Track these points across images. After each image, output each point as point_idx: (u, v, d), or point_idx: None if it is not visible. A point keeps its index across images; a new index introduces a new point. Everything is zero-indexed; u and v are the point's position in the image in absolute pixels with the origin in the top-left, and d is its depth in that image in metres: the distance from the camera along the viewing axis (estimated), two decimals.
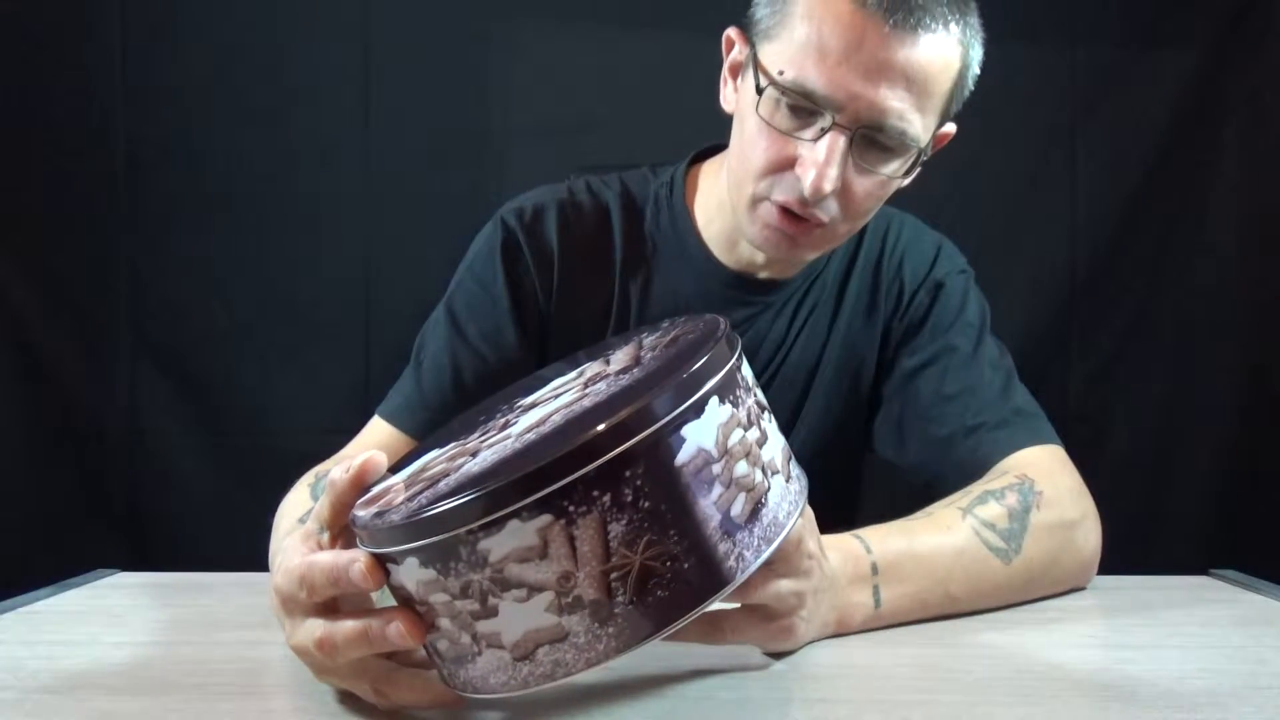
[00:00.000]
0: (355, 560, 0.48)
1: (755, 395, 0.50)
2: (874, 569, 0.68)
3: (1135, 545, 1.27)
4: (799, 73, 0.78)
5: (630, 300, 0.97)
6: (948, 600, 0.71)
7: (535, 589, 0.43)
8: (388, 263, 1.87)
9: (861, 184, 0.82)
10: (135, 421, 1.88)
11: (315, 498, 0.78)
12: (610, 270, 0.97)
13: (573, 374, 0.56)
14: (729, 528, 0.45)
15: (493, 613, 0.44)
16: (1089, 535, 0.81)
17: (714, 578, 0.45)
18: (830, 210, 0.83)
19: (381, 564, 0.47)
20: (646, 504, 0.42)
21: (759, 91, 0.80)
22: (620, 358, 0.54)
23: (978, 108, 0.87)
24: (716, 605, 0.46)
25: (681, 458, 0.43)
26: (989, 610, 0.74)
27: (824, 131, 0.79)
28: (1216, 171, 1.88)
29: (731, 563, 0.45)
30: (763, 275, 0.95)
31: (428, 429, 0.90)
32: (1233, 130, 1.87)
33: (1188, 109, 1.86)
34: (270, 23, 1.86)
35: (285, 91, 1.86)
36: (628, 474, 0.42)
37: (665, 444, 0.43)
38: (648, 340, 0.56)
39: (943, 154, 0.87)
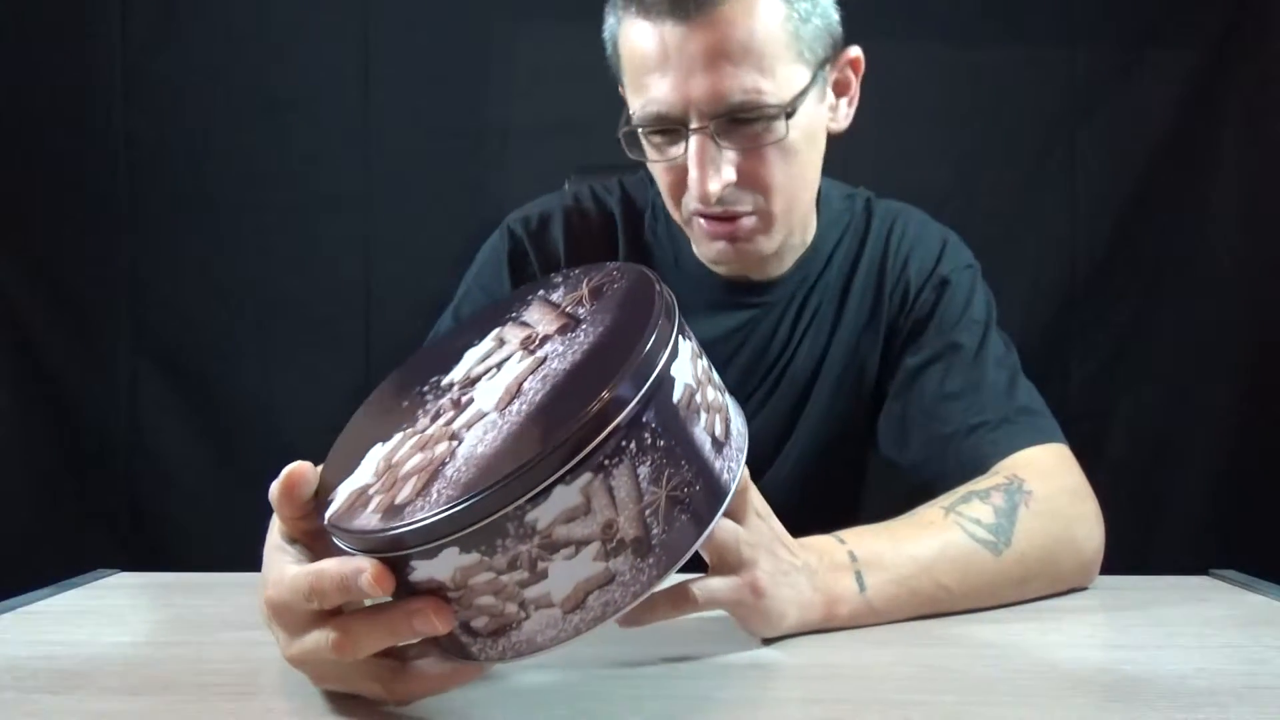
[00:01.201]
0: (362, 570, 0.46)
1: (689, 329, 0.54)
2: (851, 556, 0.68)
3: (1135, 545, 1.27)
4: (639, 105, 0.82)
5: None
6: (940, 591, 0.71)
7: (583, 543, 0.46)
8: (388, 263, 1.87)
9: (759, 162, 0.83)
10: (135, 421, 1.89)
11: None
12: None
13: (489, 342, 0.56)
14: (717, 447, 0.50)
15: (542, 576, 0.46)
16: (1090, 534, 0.80)
17: (718, 492, 0.50)
18: (744, 200, 0.84)
19: (392, 566, 0.47)
20: (662, 442, 0.47)
21: (627, 138, 0.84)
22: (539, 318, 0.56)
23: (978, 107, 0.87)
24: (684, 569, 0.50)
25: (676, 394, 0.48)
26: (987, 608, 0.74)
27: (686, 142, 0.81)
28: (1216, 171, 1.88)
29: (726, 476, 0.50)
30: (755, 277, 0.95)
31: None
32: (1233, 130, 1.87)
33: (1188, 109, 1.86)
34: (270, 23, 1.86)
35: (285, 91, 1.87)
36: (644, 419, 0.46)
37: (665, 385, 0.47)
38: (557, 297, 0.57)
39: (943, 154, 0.87)
